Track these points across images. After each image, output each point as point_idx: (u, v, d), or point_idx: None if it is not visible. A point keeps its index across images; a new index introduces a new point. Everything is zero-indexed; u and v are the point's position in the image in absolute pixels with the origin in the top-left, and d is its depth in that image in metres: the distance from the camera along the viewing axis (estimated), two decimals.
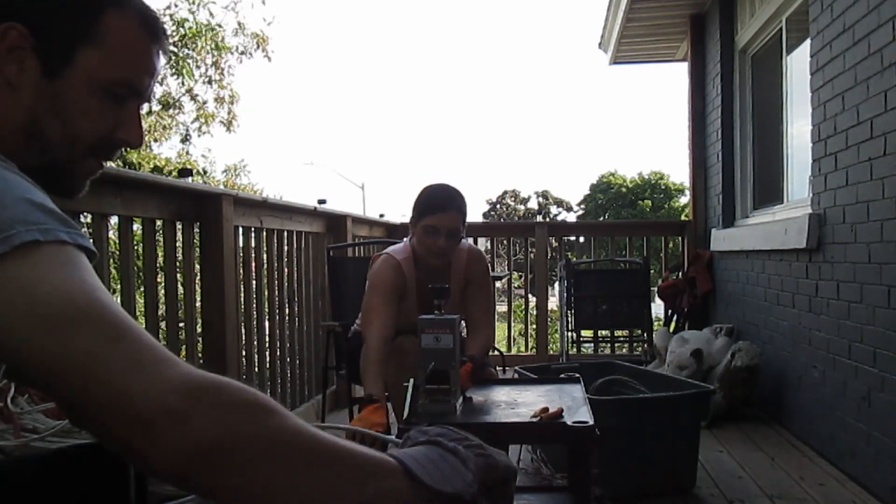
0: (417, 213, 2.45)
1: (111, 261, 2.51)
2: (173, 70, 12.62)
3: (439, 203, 2.43)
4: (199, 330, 2.78)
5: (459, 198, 2.47)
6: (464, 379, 2.03)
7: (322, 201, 4.08)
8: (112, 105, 0.85)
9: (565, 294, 5.00)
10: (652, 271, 5.34)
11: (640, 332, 5.07)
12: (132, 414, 0.59)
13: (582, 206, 43.06)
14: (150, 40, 0.86)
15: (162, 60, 0.90)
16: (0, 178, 0.69)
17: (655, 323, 5.36)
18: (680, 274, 5.33)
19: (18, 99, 0.80)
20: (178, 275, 2.74)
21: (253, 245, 3.28)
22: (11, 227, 0.63)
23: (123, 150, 0.92)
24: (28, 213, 0.65)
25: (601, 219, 36.60)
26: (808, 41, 3.31)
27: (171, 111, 13.50)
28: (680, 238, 5.61)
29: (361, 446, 0.70)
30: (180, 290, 2.69)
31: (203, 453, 0.60)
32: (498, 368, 2.97)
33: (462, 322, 2.72)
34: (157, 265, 2.59)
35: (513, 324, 6.13)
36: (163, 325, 2.68)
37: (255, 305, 3.26)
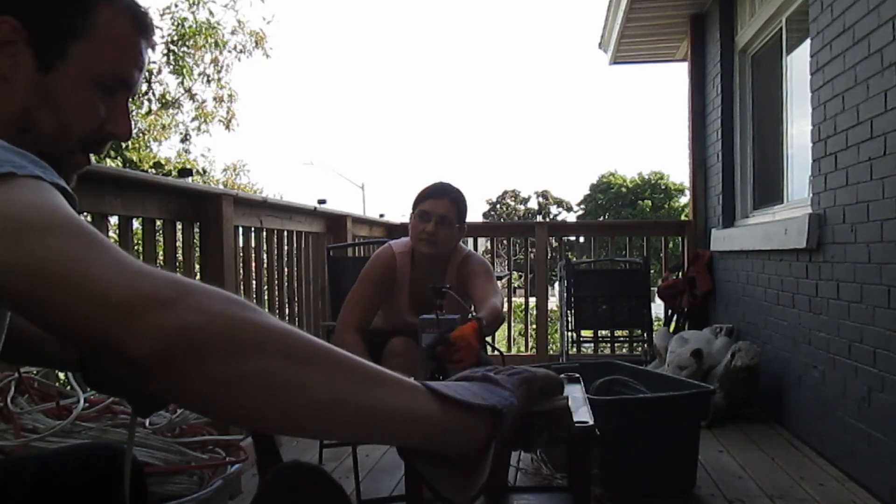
0: (414, 204, 2.50)
1: None
2: (172, 69, 12.61)
3: (433, 191, 2.49)
4: None
5: (455, 191, 2.52)
6: (470, 336, 1.85)
7: (322, 201, 4.08)
8: (102, 98, 0.85)
9: (565, 294, 4.99)
10: (652, 271, 5.33)
11: (640, 332, 5.06)
12: (111, 301, 0.55)
13: (582, 206, 43.07)
14: (139, 34, 0.87)
15: (150, 55, 0.91)
16: None
17: (655, 323, 5.36)
18: (680, 274, 5.33)
19: (11, 92, 0.81)
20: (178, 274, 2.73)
21: (253, 245, 3.28)
22: None
23: (112, 143, 0.93)
24: (2, 155, 0.64)
25: (601, 219, 36.62)
26: (808, 41, 3.31)
27: (170, 110, 13.48)
28: (680, 238, 5.60)
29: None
30: None
31: (188, 335, 0.54)
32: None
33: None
34: (158, 265, 2.59)
35: (513, 324, 6.12)
36: None
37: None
